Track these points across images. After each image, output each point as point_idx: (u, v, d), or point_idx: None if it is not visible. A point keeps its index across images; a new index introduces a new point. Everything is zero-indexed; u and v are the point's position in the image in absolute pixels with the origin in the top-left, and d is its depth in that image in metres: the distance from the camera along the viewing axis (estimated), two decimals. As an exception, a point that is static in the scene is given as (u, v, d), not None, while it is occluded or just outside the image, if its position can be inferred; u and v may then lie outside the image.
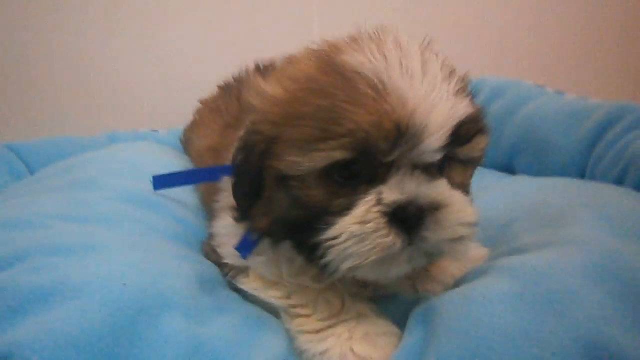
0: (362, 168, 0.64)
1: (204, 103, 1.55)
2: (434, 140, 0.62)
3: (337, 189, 0.65)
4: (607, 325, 0.52)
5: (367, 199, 0.63)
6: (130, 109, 1.98)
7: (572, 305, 0.55)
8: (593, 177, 1.15)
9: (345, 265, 0.63)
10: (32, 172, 1.32)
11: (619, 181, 1.05)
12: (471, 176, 0.77)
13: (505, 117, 1.44)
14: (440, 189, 0.64)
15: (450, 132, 0.63)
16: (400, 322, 0.72)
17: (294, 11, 2.02)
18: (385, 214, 0.62)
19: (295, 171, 0.65)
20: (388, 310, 0.76)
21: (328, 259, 0.63)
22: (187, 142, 1.55)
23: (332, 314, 0.72)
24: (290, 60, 0.74)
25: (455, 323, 0.59)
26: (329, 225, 0.63)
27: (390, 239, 0.61)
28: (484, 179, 1.36)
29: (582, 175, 1.20)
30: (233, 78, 1.49)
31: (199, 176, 0.98)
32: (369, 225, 0.61)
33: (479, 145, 0.69)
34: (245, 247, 0.79)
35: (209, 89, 1.57)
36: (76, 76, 1.91)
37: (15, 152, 1.35)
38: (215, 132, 1.24)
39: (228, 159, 0.97)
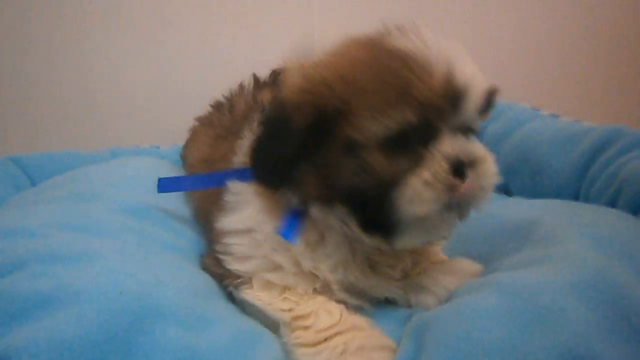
0: (419, 133, 0.72)
1: (198, 119, 1.54)
2: (476, 107, 0.73)
3: (398, 153, 0.73)
4: (592, 341, 0.54)
5: (434, 154, 0.71)
6: (133, 125, 1.99)
7: (559, 321, 0.56)
8: (586, 199, 1.16)
9: (416, 211, 0.71)
10: (34, 184, 1.33)
11: (612, 203, 1.05)
12: None
13: (502, 139, 1.46)
14: (479, 146, 0.76)
15: (484, 100, 0.74)
16: (396, 337, 0.73)
17: (294, 28, 2.04)
18: (449, 166, 0.71)
19: (366, 138, 0.72)
20: (383, 325, 0.77)
21: (396, 211, 0.71)
22: (184, 160, 1.56)
23: (330, 324, 0.73)
24: (333, 51, 0.80)
25: (445, 337, 0.60)
26: (397, 184, 0.71)
27: (454, 181, 0.71)
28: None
29: (576, 197, 1.20)
30: (223, 96, 1.49)
31: (204, 181, 0.97)
32: (438, 175, 0.71)
33: (488, 115, 0.80)
34: (289, 228, 0.80)
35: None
36: (79, 92, 1.92)
37: (18, 165, 1.37)
38: (206, 144, 1.24)
39: (219, 169, 0.97)
